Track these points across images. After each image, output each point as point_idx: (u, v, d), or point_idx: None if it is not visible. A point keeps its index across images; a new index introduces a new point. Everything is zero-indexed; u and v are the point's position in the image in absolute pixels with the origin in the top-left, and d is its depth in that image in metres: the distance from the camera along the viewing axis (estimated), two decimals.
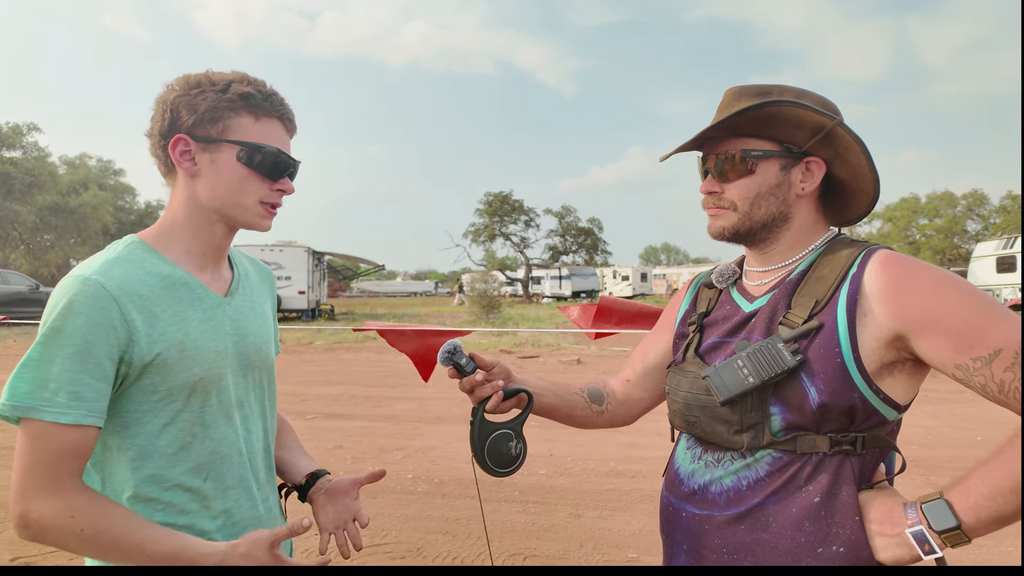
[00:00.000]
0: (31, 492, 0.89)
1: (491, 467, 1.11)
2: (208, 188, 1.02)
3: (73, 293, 0.90)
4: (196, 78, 1.02)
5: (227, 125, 1.01)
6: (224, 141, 1.01)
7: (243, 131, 1.02)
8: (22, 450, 0.89)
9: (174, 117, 1.00)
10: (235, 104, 1.01)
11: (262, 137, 1.03)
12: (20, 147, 28.14)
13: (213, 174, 1.02)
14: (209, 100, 1.00)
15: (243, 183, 1.03)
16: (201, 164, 1.01)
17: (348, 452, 5.18)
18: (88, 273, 0.92)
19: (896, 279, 0.91)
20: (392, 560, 3.22)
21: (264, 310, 1.18)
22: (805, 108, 0.97)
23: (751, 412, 0.96)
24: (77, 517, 0.89)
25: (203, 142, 1.01)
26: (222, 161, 1.01)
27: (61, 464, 0.89)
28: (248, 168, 1.02)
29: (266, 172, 1.04)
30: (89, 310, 0.90)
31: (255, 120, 1.02)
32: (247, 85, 1.02)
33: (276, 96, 1.06)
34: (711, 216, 1.08)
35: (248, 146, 1.02)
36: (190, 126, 1.00)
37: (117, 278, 0.93)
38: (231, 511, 1.05)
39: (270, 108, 1.04)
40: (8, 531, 3.53)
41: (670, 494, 1.09)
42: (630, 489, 4.26)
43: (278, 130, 1.06)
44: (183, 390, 0.98)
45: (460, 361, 1.11)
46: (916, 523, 0.86)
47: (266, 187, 1.05)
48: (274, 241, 21.04)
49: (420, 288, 68.59)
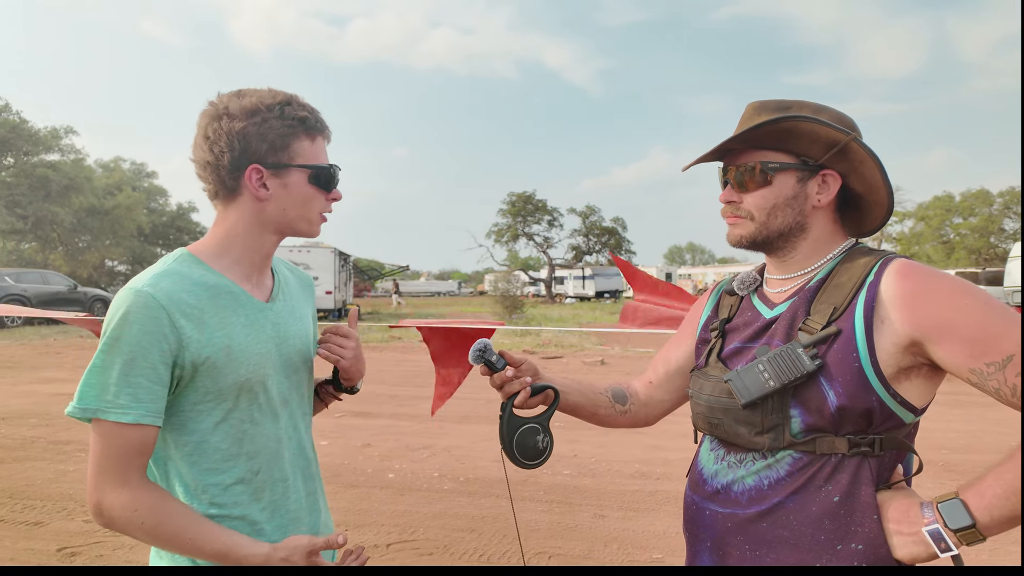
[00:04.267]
0: (104, 485, 0.98)
1: (519, 459, 1.16)
2: (279, 209, 1.10)
3: (128, 304, 0.98)
4: (252, 104, 1.05)
5: (293, 151, 1.09)
6: (294, 166, 1.09)
7: (305, 154, 1.10)
8: (93, 447, 0.99)
9: (244, 147, 1.05)
10: (296, 130, 1.08)
11: (319, 156, 1.12)
12: (58, 150, 29.04)
13: (284, 196, 1.09)
14: (275, 128, 1.06)
15: (310, 201, 1.12)
16: (273, 188, 1.09)
17: (376, 450, 5.28)
18: (140, 285, 1.00)
19: (912, 287, 0.95)
20: (420, 556, 3.29)
21: (304, 314, 1.25)
22: (821, 124, 1.01)
23: (772, 414, 1.00)
24: (140, 511, 0.98)
25: (274, 168, 1.08)
26: (293, 184, 1.10)
27: (127, 460, 0.98)
28: (315, 187, 1.12)
29: (326, 187, 1.14)
30: (142, 319, 0.97)
31: (312, 142, 1.11)
32: (300, 109, 1.09)
33: (319, 114, 1.13)
34: (730, 225, 1.12)
35: (315, 168, 1.11)
36: (262, 155, 1.06)
37: (166, 289, 1.01)
38: (278, 503, 1.12)
39: (320, 128, 1.12)
40: (55, 522, 3.69)
41: (694, 493, 1.14)
42: (654, 490, 4.28)
43: (324, 146, 1.15)
44: (232, 390, 1.05)
45: (491, 358, 1.16)
46: (932, 522, 0.90)
47: (323, 200, 1.15)
48: (302, 243, 21.42)
49: (443, 288, 68.97)
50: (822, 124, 1.00)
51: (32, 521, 3.71)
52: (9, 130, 26.17)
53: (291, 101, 1.09)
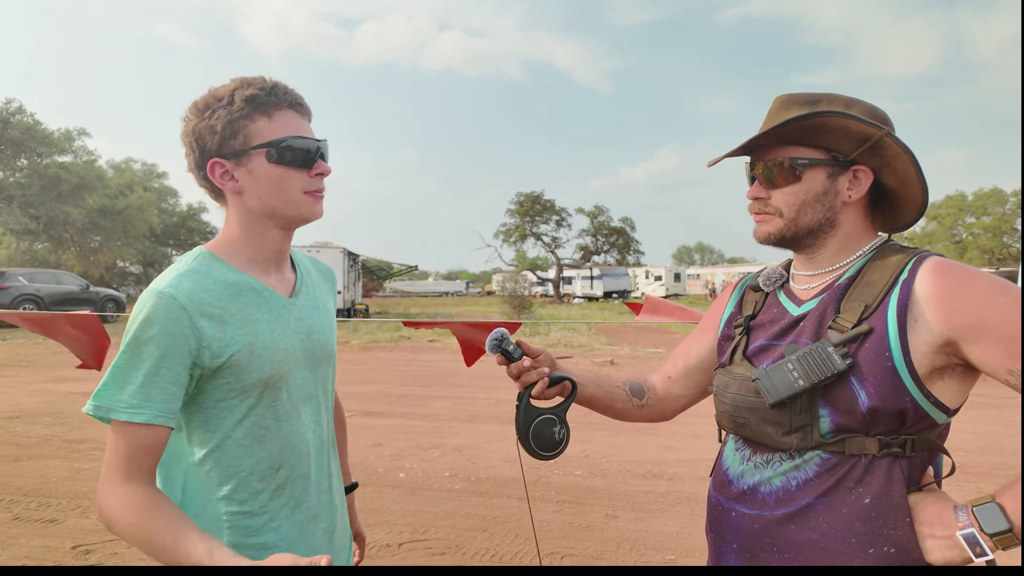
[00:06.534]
0: (107, 484, 0.96)
1: (535, 450, 1.14)
2: (255, 198, 1.06)
3: (150, 306, 0.98)
4: (203, 101, 1.04)
5: (247, 134, 1.03)
6: (250, 149, 1.04)
7: (262, 133, 1.04)
8: (109, 446, 0.98)
9: (200, 145, 1.04)
10: (245, 111, 1.03)
11: (280, 131, 1.04)
12: (71, 151, 29.29)
13: (254, 184, 1.05)
14: (222, 117, 1.02)
15: (283, 181, 1.06)
16: (241, 179, 1.05)
17: (387, 449, 5.28)
18: (161, 287, 0.99)
19: (948, 285, 0.92)
20: (431, 556, 3.28)
21: (327, 306, 1.24)
22: (853, 119, 0.98)
23: (800, 414, 0.98)
24: (129, 509, 0.95)
25: (234, 158, 1.04)
26: (257, 168, 1.04)
27: (132, 459, 0.96)
28: (281, 165, 1.05)
29: (299, 163, 1.06)
30: (163, 321, 0.97)
31: (268, 119, 1.04)
32: (248, 88, 1.04)
33: (279, 86, 1.06)
34: (757, 221, 1.10)
35: (271, 144, 1.04)
36: (217, 148, 1.04)
37: (187, 289, 1.00)
38: (299, 499, 1.11)
39: (276, 100, 1.05)
40: (70, 519, 3.71)
41: (719, 494, 1.12)
42: (667, 491, 4.25)
43: (293, 118, 1.07)
44: (256, 387, 1.04)
45: (508, 348, 1.14)
46: (967, 525, 0.88)
47: (304, 177, 1.07)
48: (311, 242, 21.52)
49: (451, 288, 69.05)
50: (854, 119, 0.98)
51: (47, 519, 3.73)
52: (23, 132, 26.41)
53: (244, 83, 1.05)
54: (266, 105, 1.04)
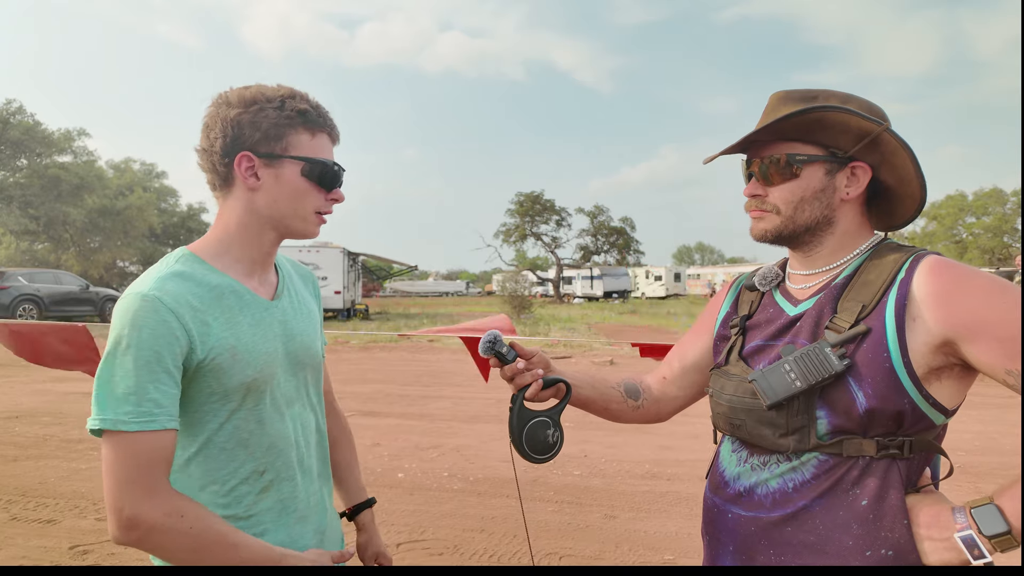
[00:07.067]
0: (137, 496, 0.92)
1: (528, 453, 1.13)
2: (270, 201, 1.07)
3: (135, 309, 0.96)
4: (251, 95, 1.05)
5: (289, 142, 1.06)
6: (287, 157, 1.06)
7: (302, 147, 1.07)
8: (114, 462, 0.92)
9: (236, 134, 1.04)
10: (294, 121, 1.05)
11: (318, 151, 1.08)
12: (71, 151, 29.28)
13: (275, 188, 1.07)
14: (271, 118, 1.04)
15: (303, 196, 1.08)
16: (264, 179, 1.06)
17: (385, 449, 5.27)
18: (145, 289, 0.97)
19: (946, 284, 0.91)
20: (430, 556, 3.27)
21: (310, 308, 1.23)
22: (851, 113, 0.97)
23: (797, 415, 0.97)
24: (187, 516, 0.93)
25: (267, 158, 1.05)
26: (286, 176, 1.07)
27: (156, 467, 0.94)
28: (309, 182, 1.08)
29: (324, 184, 1.10)
30: (152, 323, 0.95)
31: (311, 136, 1.08)
32: (302, 102, 1.07)
33: (324, 110, 1.10)
34: (754, 219, 1.09)
35: (310, 162, 1.07)
36: (254, 143, 1.04)
37: (171, 291, 0.99)
38: (286, 502, 1.10)
39: (323, 124, 1.09)
40: (67, 520, 3.70)
41: (715, 496, 1.11)
42: (665, 491, 4.24)
43: (328, 143, 1.11)
44: (238, 390, 1.03)
45: (501, 350, 1.13)
46: (965, 527, 0.87)
47: (322, 198, 1.11)
48: (311, 242, 21.48)
49: (451, 288, 69.05)
50: (852, 114, 0.97)
51: (45, 519, 3.72)
52: (23, 132, 26.42)
53: (295, 95, 1.07)
54: (313, 124, 1.08)
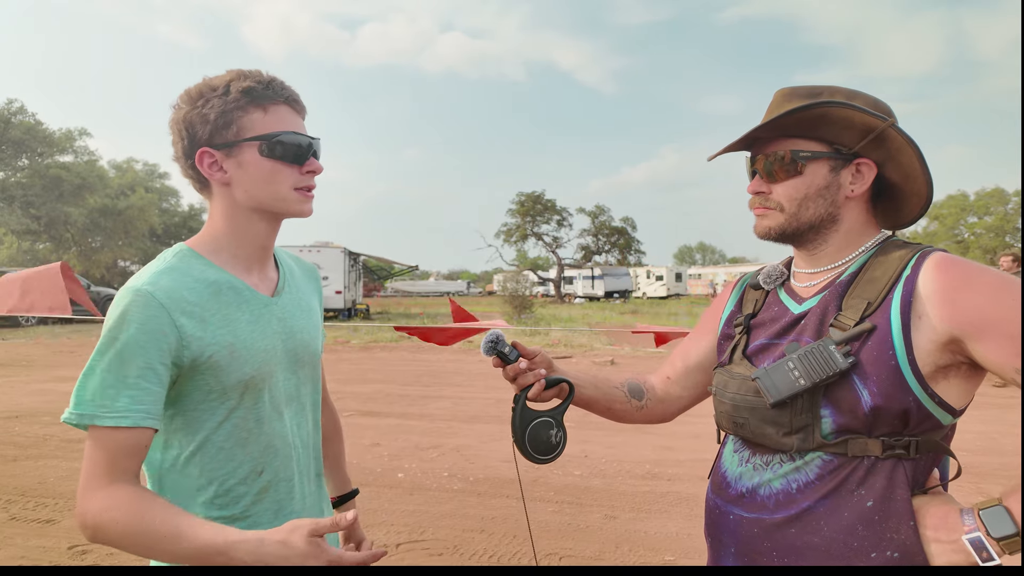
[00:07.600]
0: (88, 492, 0.91)
1: (531, 453, 1.12)
2: (243, 190, 1.04)
3: (126, 304, 0.94)
4: (197, 89, 1.02)
5: (240, 125, 1.02)
6: (242, 141, 1.02)
7: (256, 126, 1.02)
8: (87, 454, 0.92)
9: (191, 134, 1.02)
10: (240, 102, 1.01)
11: (275, 126, 1.03)
12: (72, 151, 29.30)
13: (243, 176, 1.03)
14: (216, 107, 1.00)
15: (273, 175, 1.04)
16: (230, 170, 1.03)
17: (385, 449, 5.26)
18: (139, 284, 0.96)
19: (952, 281, 0.90)
20: (430, 556, 3.26)
21: (311, 305, 1.21)
22: (856, 109, 0.96)
23: (801, 414, 0.95)
24: (120, 509, 0.89)
25: (224, 148, 1.02)
26: (247, 161, 1.03)
27: (115, 463, 0.91)
28: (272, 159, 1.03)
29: (291, 159, 1.04)
30: (141, 319, 0.94)
31: (264, 112, 1.03)
32: (245, 80, 1.02)
33: (275, 81, 1.05)
34: (758, 216, 1.07)
35: (265, 138, 1.02)
36: (208, 137, 1.02)
37: (166, 287, 0.97)
38: (283, 502, 1.08)
39: (273, 95, 1.04)
40: (67, 519, 3.69)
41: (717, 496, 1.09)
42: (666, 492, 4.23)
43: (288, 114, 1.06)
44: (236, 388, 1.01)
45: (503, 350, 1.12)
46: (973, 529, 0.85)
47: (295, 173, 1.06)
48: (312, 242, 21.53)
49: (452, 288, 69.04)
50: (857, 110, 0.95)
51: (44, 519, 3.71)
52: (24, 132, 26.44)
53: (241, 75, 1.03)
54: (262, 99, 1.02)
